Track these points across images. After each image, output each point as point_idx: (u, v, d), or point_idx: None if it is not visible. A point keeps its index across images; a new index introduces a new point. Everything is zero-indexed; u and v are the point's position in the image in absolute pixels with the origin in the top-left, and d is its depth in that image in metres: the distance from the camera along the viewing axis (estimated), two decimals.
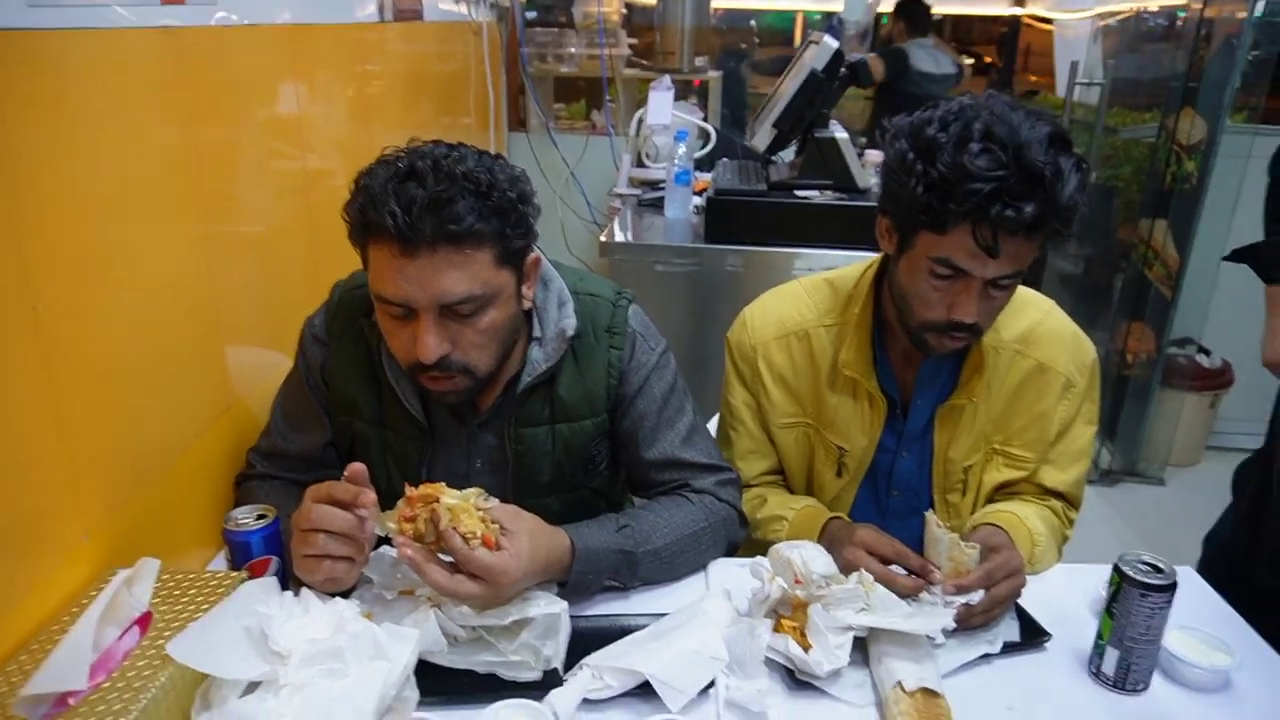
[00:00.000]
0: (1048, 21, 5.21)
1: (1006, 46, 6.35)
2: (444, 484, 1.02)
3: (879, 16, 4.14)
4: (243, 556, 1.04)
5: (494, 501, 1.05)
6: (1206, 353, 3.41)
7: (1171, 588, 0.98)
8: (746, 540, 1.31)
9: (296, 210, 1.60)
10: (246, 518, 1.06)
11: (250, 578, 1.02)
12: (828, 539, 1.20)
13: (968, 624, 1.07)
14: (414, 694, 0.93)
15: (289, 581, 1.06)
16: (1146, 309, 3.32)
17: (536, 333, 1.19)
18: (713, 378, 2.36)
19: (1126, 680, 1.02)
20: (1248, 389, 3.21)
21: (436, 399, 1.16)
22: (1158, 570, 1.00)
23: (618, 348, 1.23)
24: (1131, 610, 0.99)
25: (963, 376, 1.25)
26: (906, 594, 1.08)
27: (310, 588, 1.00)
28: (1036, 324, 1.27)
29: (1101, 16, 3.69)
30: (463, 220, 1.00)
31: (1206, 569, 1.36)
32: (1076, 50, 4.24)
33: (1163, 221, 3.22)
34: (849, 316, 1.28)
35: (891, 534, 1.15)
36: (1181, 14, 3.21)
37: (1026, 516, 1.25)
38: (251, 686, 0.89)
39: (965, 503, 1.32)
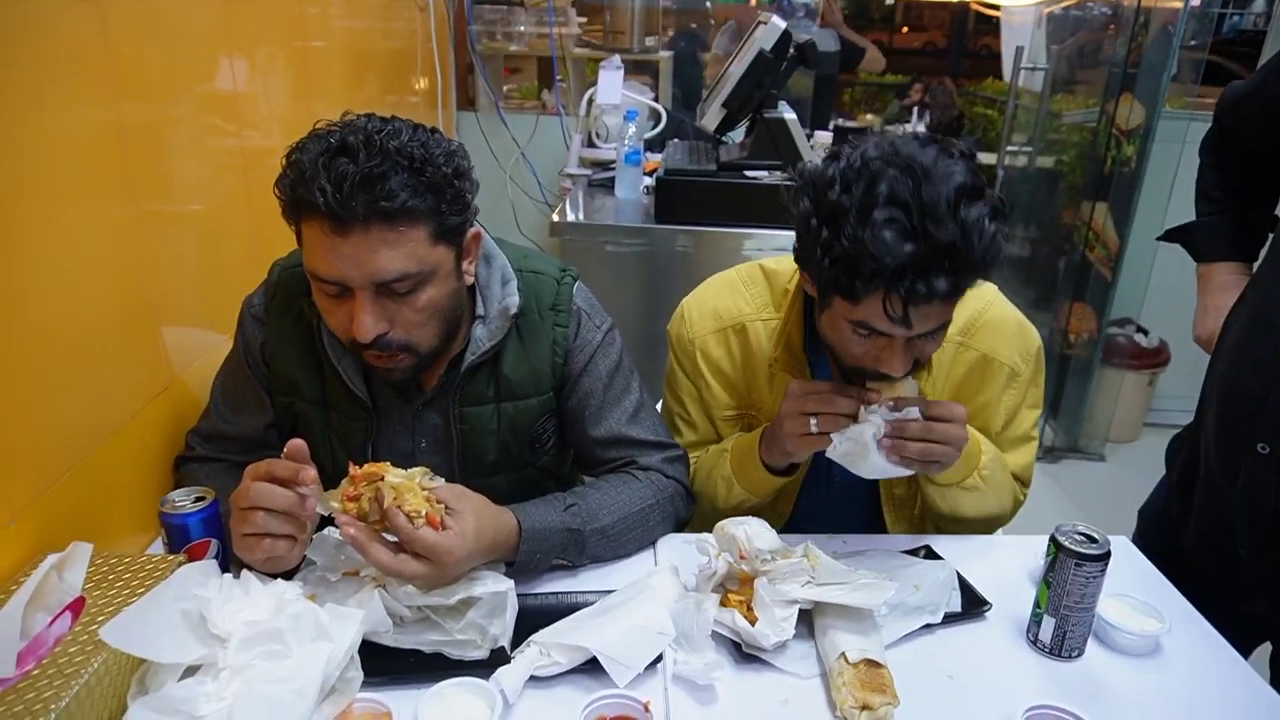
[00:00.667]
0: (995, 7, 5.28)
1: (955, 31, 6.45)
2: (389, 463, 1.01)
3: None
4: (180, 540, 1.02)
5: (439, 481, 1.04)
6: (1145, 332, 3.51)
7: (1105, 557, 1.01)
8: (696, 514, 1.31)
9: (235, 188, 1.55)
10: (184, 500, 1.04)
11: (189, 561, 0.99)
12: (766, 439, 1.22)
13: (902, 453, 1.07)
14: (358, 674, 0.92)
15: (229, 564, 1.04)
16: (1088, 290, 3.40)
17: (480, 311, 1.18)
18: (664, 357, 2.37)
19: (1062, 647, 1.05)
20: (1183, 367, 3.31)
21: (381, 377, 1.14)
22: (1092, 540, 1.03)
23: (563, 325, 1.22)
24: (1067, 579, 1.02)
25: None
26: (847, 409, 1.08)
27: (251, 569, 0.99)
28: (979, 314, 1.25)
29: (1047, 3, 3.76)
30: (396, 197, 0.97)
31: (1141, 540, 1.40)
32: (1021, 36, 4.30)
33: (1103, 204, 3.30)
34: (784, 307, 1.26)
35: (839, 507, 1.16)
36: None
37: (984, 441, 1.24)
38: (191, 671, 0.87)
39: (909, 494, 1.33)
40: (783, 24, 2.18)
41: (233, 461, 1.23)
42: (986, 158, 4.20)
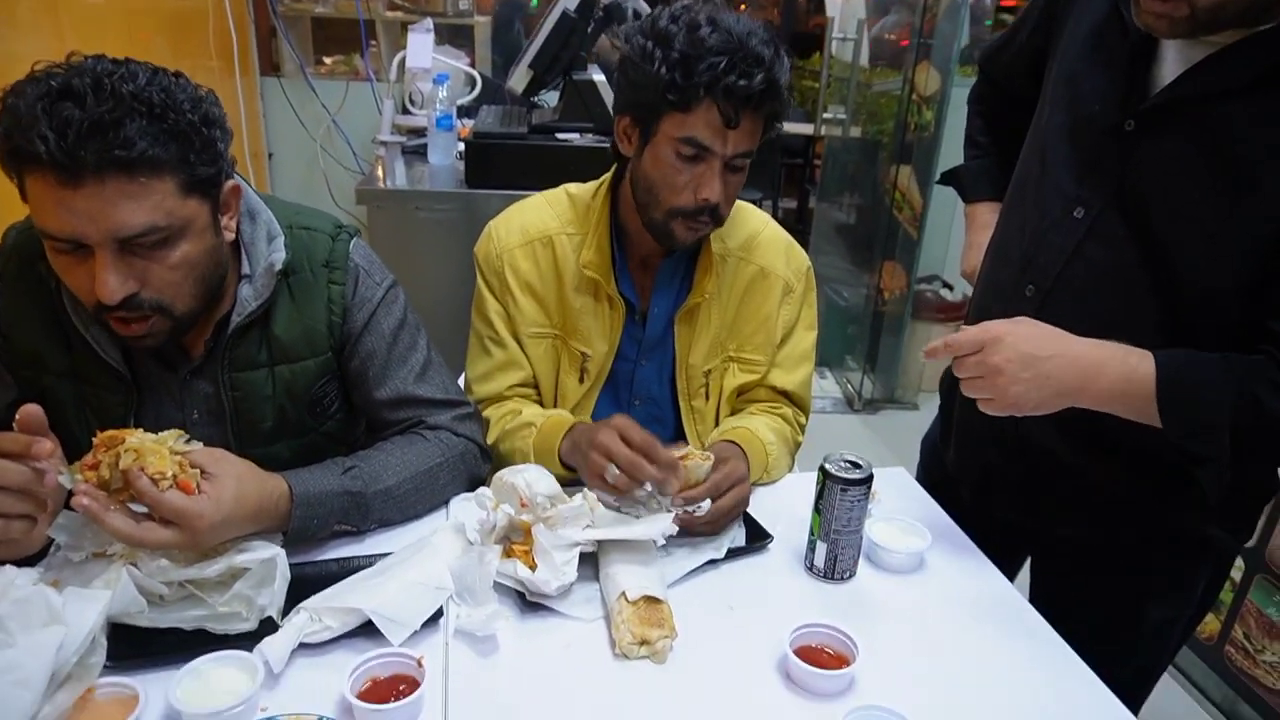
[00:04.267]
0: None
1: (786, 9, 6.63)
2: (140, 429, 0.94)
3: None
4: None
5: (196, 445, 0.97)
6: (950, 288, 3.75)
7: (867, 481, 1.06)
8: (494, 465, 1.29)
9: None
10: None
11: None
12: (571, 439, 1.21)
13: (695, 530, 1.12)
14: (99, 659, 0.85)
15: None
16: (897, 249, 3.60)
17: (246, 270, 1.11)
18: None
19: (835, 570, 1.10)
20: None
21: (133, 344, 1.05)
22: (857, 467, 1.08)
23: (338, 283, 1.17)
24: (834, 505, 1.07)
25: (695, 277, 1.32)
26: (648, 480, 1.08)
27: None
28: (756, 233, 1.37)
29: None
30: (134, 145, 0.90)
31: (922, 467, 1.49)
32: (835, 8, 4.48)
33: (907, 167, 3.49)
34: (588, 225, 1.32)
35: (642, 424, 1.16)
36: None
37: (758, 429, 1.31)
38: None
39: (709, 407, 1.38)
40: None
41: None
42: (805, 127, 4.38)
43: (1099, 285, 1.08)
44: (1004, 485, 1.09)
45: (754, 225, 1.38)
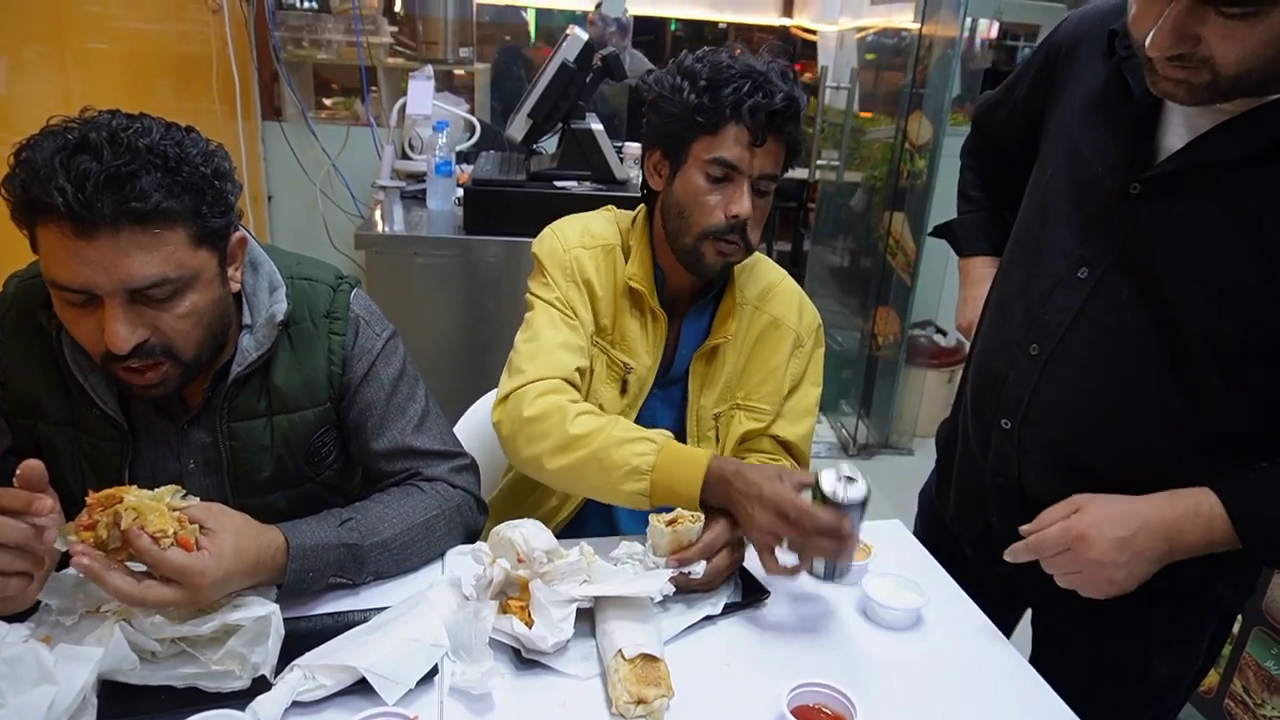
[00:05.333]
0: (813, 32, 5.59)
1: (781, 55, 6.75)
2: (134, 486, 0.94)
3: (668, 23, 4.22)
4: None
5: (193, 500, 0.97)
6: (943, 333, 3.78)
7: (865, 496, 1.04)
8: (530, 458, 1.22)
9: None
10: None
11: None
12: (723, 477, 1.13)
13: (689, 589, 1.11)
14: (90, 718, 0.84)
15: None
16: (891, 294, 3.63)
17: (247, 320, 1.12)
18: (476, 367, 2.34)
19: (835, 572, 1.08)
20: None
21: (140, 394, 1.06)
22: (853, 481, 1.05)
23: (339, 333, 1.18)
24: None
25: (716, 321, 1.37)
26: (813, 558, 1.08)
27: None
28: (772, 285, 1.42)
29: (859, 30, 4.01)
30: (149, 197, 0.92)
31: (919, 520, 1.49)
32: (828, 57, 4.57)
33: (901, 214, 3.53)
34: (631, 240, 1.37)
35: None
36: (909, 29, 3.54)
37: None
38: None
39: (716, 451, 1.37)
40: (585, 36, 2.21)
41: None
42: (799, 172, 4.43)
43: (1104, 344, 1.09)
44: (1006, 544, 1.09)
45: (771, 277, 1.43)
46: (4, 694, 0.80)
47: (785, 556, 1.10)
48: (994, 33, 3.76)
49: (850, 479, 1.05)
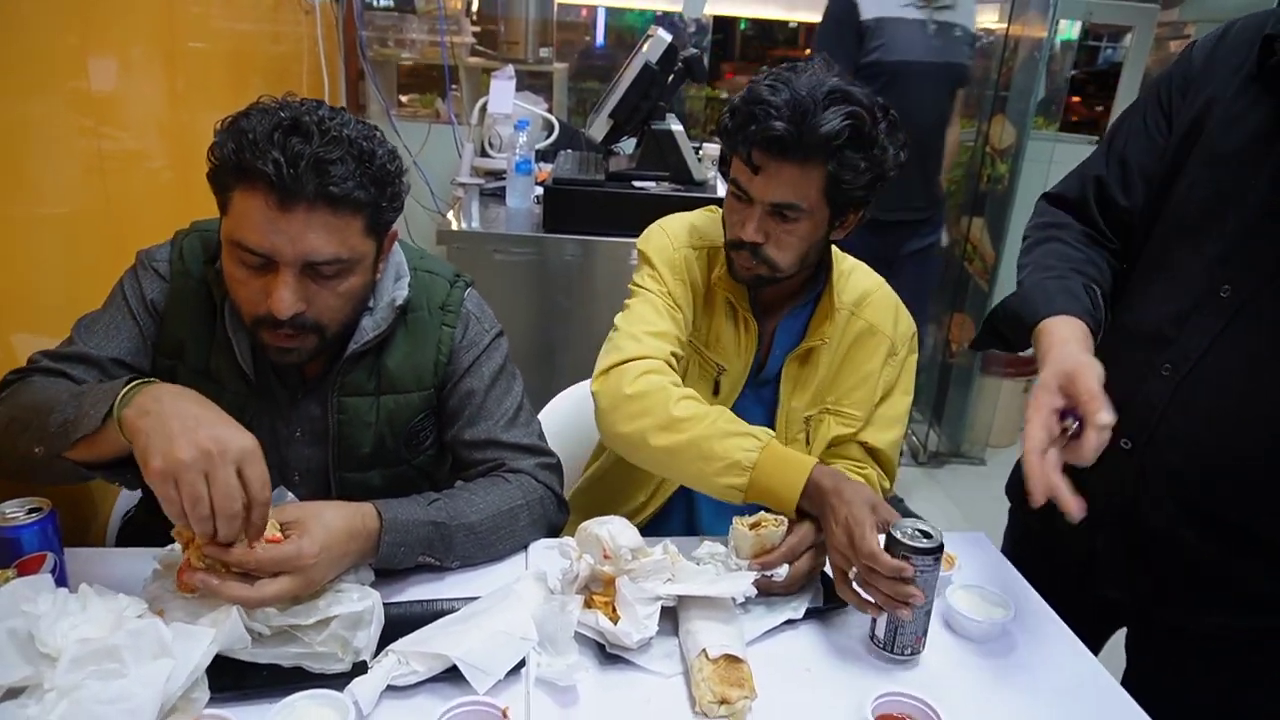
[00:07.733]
0: None
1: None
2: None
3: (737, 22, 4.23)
4: (11, 554, 0.96)
5: (290, 498, 1.03)
6: None
7: (937, 550, 1.02)
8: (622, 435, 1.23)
9: (97, 192, 1.49)
10: (16, 511, 0.98)
11: (19, 576, 0.94)
12: (820, 488, 1.12)
13: (772, 592, 1.11)
14: (204, 694, 0.89)
15: (68, 579, 0.99)
16: (967, 301, 3.56)
17: (370, 303, 1.19)
18: (551, 365, 2.37)
19: (894, 644, 1.06)
20: None
21: (276, 357, 1.12)
22: (927, 536, 1.03)
23: (450, 325, 1.24)
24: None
25: (812, 324, 1.37)
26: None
27: (92, 585, 0.93)
28: (869, 292, 1.41)
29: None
30: (344, 184, 1.01)
31: (1008, 536, 1.45)
32: None
33: (980, 219, 3.46)
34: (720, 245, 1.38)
35: None
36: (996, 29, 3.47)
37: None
38: (15, 693, 0.83)
39: (805, 453, 1.37)
40: (668, 37, 2.22)
41: (79, 381, 1.10)
42: None
43: (1245, 370, 1.05)
44: (1110, 566, 1.04)
45: (868, 284, 1.41)
46: (127, 664, 0.84)
47: (861, 590, 1.07)
48: (1076, 32, 3.65)
49: (926, 533, 1.03)
